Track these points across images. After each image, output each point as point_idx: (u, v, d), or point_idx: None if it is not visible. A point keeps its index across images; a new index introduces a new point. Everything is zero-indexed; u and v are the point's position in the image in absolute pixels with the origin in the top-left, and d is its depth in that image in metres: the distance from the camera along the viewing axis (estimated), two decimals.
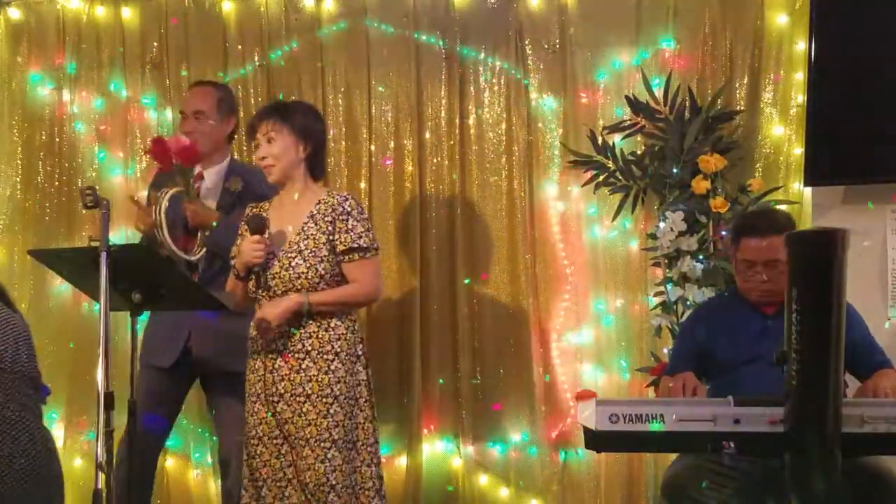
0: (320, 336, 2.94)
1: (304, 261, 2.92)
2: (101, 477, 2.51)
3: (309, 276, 2.91)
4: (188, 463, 4.21)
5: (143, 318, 3.24)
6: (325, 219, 2.96)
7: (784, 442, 2.26)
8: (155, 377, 3.43)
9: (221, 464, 3.56)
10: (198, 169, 3.43)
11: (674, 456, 3.11)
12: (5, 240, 4.32)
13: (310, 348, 2.93)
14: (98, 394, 2.54)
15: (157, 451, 3.56)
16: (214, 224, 3.30)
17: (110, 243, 2.59)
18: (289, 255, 2.94)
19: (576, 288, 3.99)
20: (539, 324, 4.00)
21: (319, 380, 2.91)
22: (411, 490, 4.03)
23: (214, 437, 4.05)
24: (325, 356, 2.93)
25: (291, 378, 2.92)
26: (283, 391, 2.92)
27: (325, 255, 2.94)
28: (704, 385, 3.26)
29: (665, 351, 3.74)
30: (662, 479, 3.00)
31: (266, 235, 2.93)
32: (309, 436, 2.88)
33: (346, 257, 2.95)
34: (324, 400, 2.90)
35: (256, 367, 2.99)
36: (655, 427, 2.36)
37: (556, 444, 3.99)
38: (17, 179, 4.31)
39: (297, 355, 2.93)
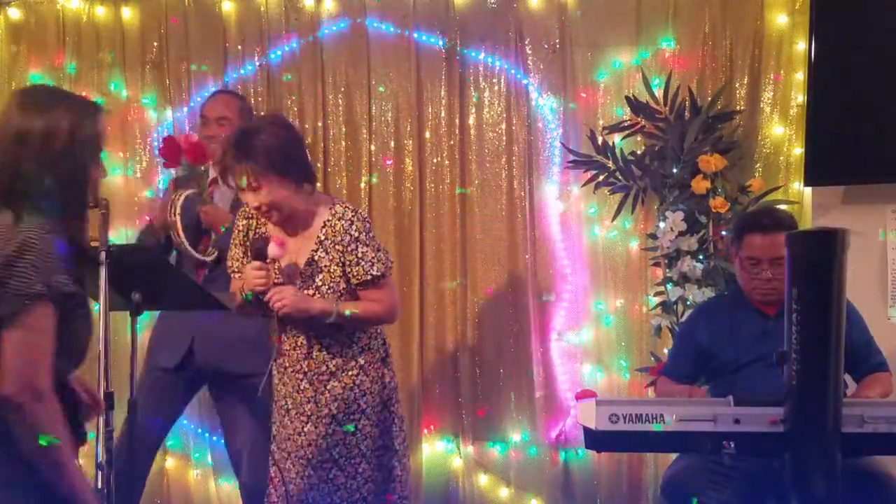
0: (344, 353, 2.84)
1: (323, 296, 2.79)
2: (101, 477, 2.51)
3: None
4: (188, 463, 4.21)
5: (147, 318, 3.24)
6: (336, 246, 2.80)
7: (784, 442, 2.26)
8: (157, 377, 3.44)
9: (234, 465, 3.56)
10: (213, 174, 3.40)
11: (674, 456, 3.11)
12: None
13: (334, 369, 2.84)
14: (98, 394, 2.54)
15: (152, 451, 3.55)
16: (223, 228, 3.29)
17: (110, 243, 2.59)
18: (304, 285, 2.81)
19: (576, 288, 4.00)
20: (539, 324, 4.00)
21: (345, 397, 2.83)
22: (411, 490, 4.02)
23: (215, 438, 4.06)
24: (348, 373, 2.84)
25: (317, 400, 2.84)
26: (309, 412, 2.85)
27: (342, 289, 2.81)
28: (705, 386, 3.27)
29: (665, 351, 3.74)
30: (662, 479, 3.00)
31: (267, 261, 2.77)
32: (338, 456, 2.83)
33: (362, 287, 2.81)
34: (351, 417, 2.83)
35: (285, 381, 2.90)
36: (655, 427, 2.36)
37: (556, 444, 3.99)
38: None
39: (321, 377, 2.84)
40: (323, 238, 2.81)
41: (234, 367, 3.37)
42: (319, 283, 2.80)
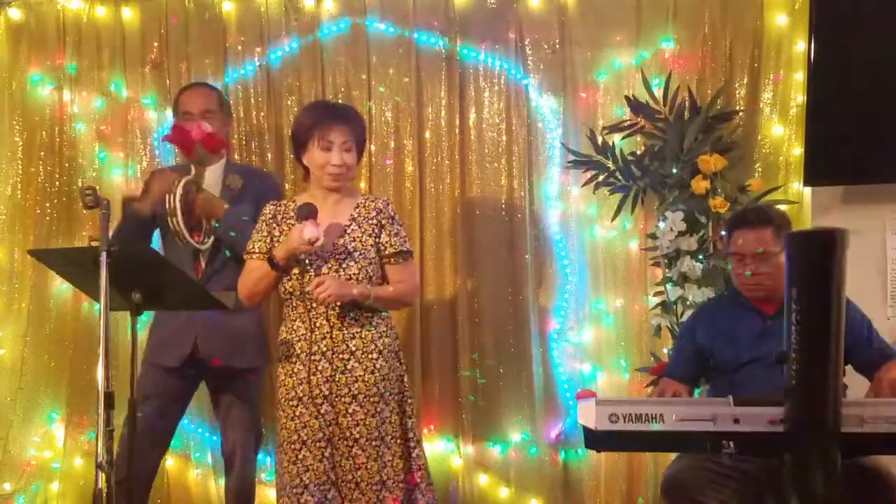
0: (363, 336, 2.96)
1: (356, 262, 2.96)
2: (102, 477, 2.51)
3: (360, 278, 2.96)
4: (188, 463, 4.21)
5: (146, 316, 3.25)
6: (370, 221, 3.02)
7: (784, 442, 2.26)
8: (161, 377, 3.44)
9: (225, 462, 3.57)
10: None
11: (674, 456, 3.11)
12: (5, 240, 4.32)
13: (354, 349, 2.95)
14: (98, 394, 2.54)
15: (159, 452, 3.54)
16: (217, 221, 3.31)
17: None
18: (338, 256, 2.97)
19: (576, 288, 4.00)
20: (539, 324, 4.00)
21: (366, 380, 2.94)
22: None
23: (215, 438, 4.06)
24: (369, 355, 2.96)
25: (336, 379, 2.93)
26: (327, 392, 2.92)
27: (372, 258, 3.00)
28: (705, 386, 3.27)
29: (665, 351, 3.74)
30: (662, 479, 3.00)
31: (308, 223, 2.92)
32: (358, 435, 2.91)
33: (393, 259, 3.03)
34: (371, 399, 2.93)
35: (296, 370, 2.96)
36: (655, 427, 2.36)
37: (556, 444, 3.99)
38: (17, 179, 4.30)
39: (341, 356, 2.94)
40: (356, 216, 3.04)
41: (236, 362, 3.39)
42: (352, 250, 2.98)
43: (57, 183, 4.28)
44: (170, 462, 4.19)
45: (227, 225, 3.30)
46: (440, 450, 4.08)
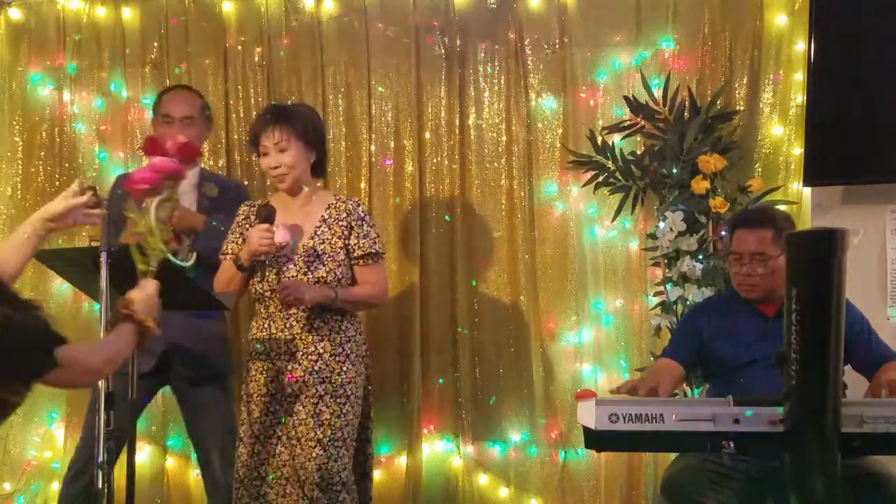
0: (332, 338, 2.98)
1: (324, 265, 2.97)
2: (101, 477, 2.51)
3: (328, 280, 2.97)
4: (188, 463, 4.20)
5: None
6: (340, 223, 3.02)
7: (784, 442, 2.26)
8: (122, 383, 3.35)
9: (203, 463, 3.55)
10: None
11: (674, 456, 3.11)
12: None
13: (322, 351, 2.97)
14: (98, 394, 2.54)
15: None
16: (196, 234, 3.27)
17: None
18: (307, 258, 2.97)
19: (576, 288, 3.99)
20: (539, 324, 4.00)
21: (333, 381, 2.96)
22: (411, 490, 4.03)
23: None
24: (337, 358, 2.97)
25: (305, 380, 2.95)
26: (296, 392, 2.95)
27: (342, 260, 3.00)
28: (705, 385, 3.27)
29: None
30: (662, 479, 3.00)
31: (274, 225, 2.93)
32: (322, 436, 2.92)
33: (362, 261, 3.03)
34: (337, 401, 2.95)
35: (267, 367, 3.00)
36: (655, 427, 2.36)
37: (556, 444, 3.99)
38: (17, 179, 4.30)
39: (310, 357, 2.96)
40: (327, 217, 3.03)
41: (207, 368, 3.36)
42: (321, 252, 2.97)
43: (57, 183, 4.28)
44: (170, 462, 4.20)
45: (207, 238, 3.25)
46: (440, 450, 4.09)
